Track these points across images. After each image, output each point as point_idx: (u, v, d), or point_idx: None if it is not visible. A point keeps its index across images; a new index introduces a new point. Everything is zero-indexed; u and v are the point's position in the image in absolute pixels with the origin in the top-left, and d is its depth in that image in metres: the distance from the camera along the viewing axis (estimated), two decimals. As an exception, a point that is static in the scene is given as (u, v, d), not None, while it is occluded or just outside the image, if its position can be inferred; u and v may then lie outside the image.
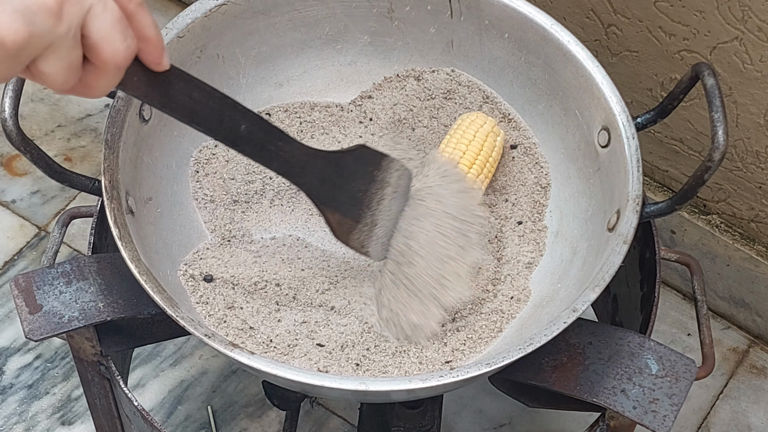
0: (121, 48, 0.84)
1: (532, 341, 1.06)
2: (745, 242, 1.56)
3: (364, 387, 1.04)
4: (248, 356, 1.05)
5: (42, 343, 1.61)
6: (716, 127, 1.09)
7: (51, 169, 1.13)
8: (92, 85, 0.86)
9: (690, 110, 1.47)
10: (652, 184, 1.59)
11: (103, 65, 0.85)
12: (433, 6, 1.25)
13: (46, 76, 0.83)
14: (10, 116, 1.09)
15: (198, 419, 1.57)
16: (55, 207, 1.72)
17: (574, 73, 1.20)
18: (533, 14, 1.22)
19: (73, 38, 0.82)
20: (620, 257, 1.10)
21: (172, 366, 1.61)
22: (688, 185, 1.11)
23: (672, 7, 1.38)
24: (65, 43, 0.81)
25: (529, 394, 1.21)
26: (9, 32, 0.78)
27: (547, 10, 1.25)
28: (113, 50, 0.84)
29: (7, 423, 1.57)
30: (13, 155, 1.76)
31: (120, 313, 1.14)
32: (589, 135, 1.20)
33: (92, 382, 1.25)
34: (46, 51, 0.81)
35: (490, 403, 1.58)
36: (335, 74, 1.29)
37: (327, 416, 1.58)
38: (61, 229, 1.25)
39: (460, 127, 1.22)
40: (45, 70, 0.82)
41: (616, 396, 1.12)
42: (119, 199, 1.11)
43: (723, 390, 1.62)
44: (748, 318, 1.64)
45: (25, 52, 0.80)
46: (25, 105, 1.78)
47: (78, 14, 0.81)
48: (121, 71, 0.87)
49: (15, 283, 1.15)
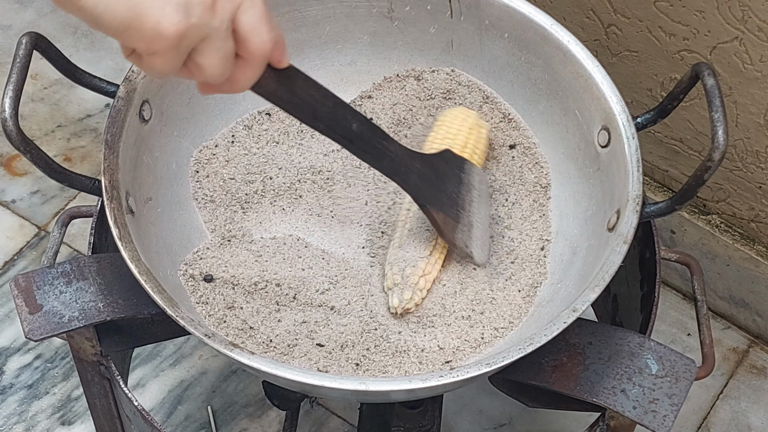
0: (267, 39, 0.91)
1: (532, 341, 1.06)
2: (745, 242, 1.56)
3: (364, 387, 1.04)
4: (248, 356, 1.05)
5: (42, 343, 1.61)
6: (716, 127, 1.09)
7: (51, 169, 1.13)
8: (237, 79, 0.93)
9: (690, 110, 1.47)
10: (652, 184, 1.59)
11: (251, 57, 0.91)
12: (433, 6, 1.25)
13: (204, 68, 0.89)
14: (10, 116, 1.09)
15: (198, 419, 1.57)
16: (55, 207, 1.72)
17: (574, 73, 1.20)
18: (533, 14, 1.22)
19: (226, 30, 0.88)
20: (620, 257, 1.10)
21: (172, 366, 1.61)
22: (688, 185, 1.11)
23: (672, 7, 1.38)
24: (220, 35, 0.88)
25: (529, 394, 1.21)
26: (170, 23, 0.85)
27: (547, 10, 1.25)
28: (261, 41, 0.91)
29: (7, 423, 1.57)
30: (13, 155, 1.76)
31: (120, 313, 1.14)
32: (589, 135, 1.20)
33: (92, 382, 1.25)
34: (203, 43, 0.88)
35: (490, 403, 1.58)
36: (335, 74, 1.29)
37: (327, 416, 1.58)
38: (61, 229, 1.25)
39: (444, 123, 1.22)
40: (202, 62, 0.89)
41: (616, 396, 1.12)
42: (119, 199, 1.11)
43: (723, 390, 1.62)
44: (748, 318, 1.64)
45: (184, 42, 0.86)
46: (25, 105, 1.78)
47: (230, 8, 0.88)
48: (264, 63, 0.93)
49: (15, 283, 1.15)
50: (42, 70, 1.77)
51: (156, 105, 1.18)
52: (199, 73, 0.90)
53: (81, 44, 1.84)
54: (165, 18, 0.85)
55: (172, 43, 0.86)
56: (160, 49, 0.86)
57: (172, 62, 0.88)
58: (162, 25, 0.85)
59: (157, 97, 1.18)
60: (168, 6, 0.85)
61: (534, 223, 1.23)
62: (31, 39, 1.11)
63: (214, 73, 0.90)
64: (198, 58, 0.89)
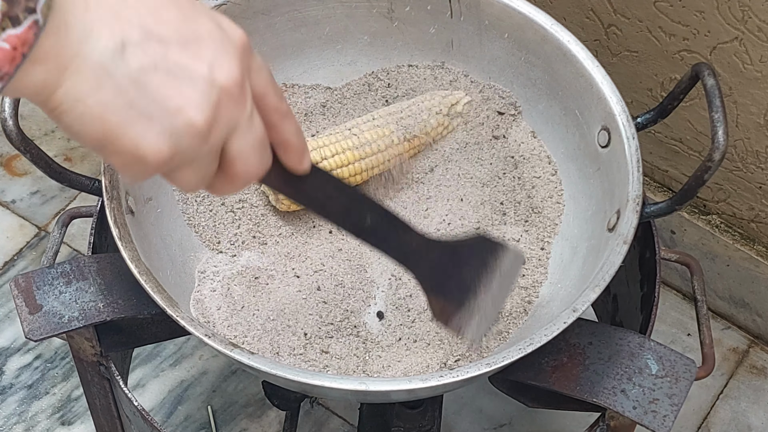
0: (255, 168, 0.81)
1: (532, 341, 1.06)
2: (745, 242, 1.56)
3: (364, 387, 1.04)
4: (248, 356, 1.05)
5: (42, 343, 1.61)
6: (716, 127, 1.09)
7: (51, 169, 1.13)
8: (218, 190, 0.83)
9: (690, 110, 1.47)
10: (652, 184, 1.59)
11: (233, 178, 0.82)
12: (433, 6, 1.25)
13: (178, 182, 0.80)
14: (10, 116, 1.09)
15: (198, 419, 1.57)
16: (55, 207, 1.72)
17: (574, 73, 1.20)
18: (533, 14, 1.22)
19: (214, 154, 0.79)
20: (620, 257, 1.10)
21: (172, 366, 1.61)
22: (688, 185, 1.11)
23: (672, 7, 1.38)
24: (205, 160, 0.78)
25: (529, 394, 1.21)
26: (153, 151, 0.74)
27: (547, 10, 1.25)
28: (247, 169, 0.81)
29: (7, 423, 1.57)
30: (13, 155, 1.76)
31: (120, 313, 1.14)
32: (589, 135, 1.20)
33: (92, 382, 1.25)
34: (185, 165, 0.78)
35: (490, 403, 1.58)
36: (335, 74, 1.29)
37: (327, 416, 1.58)
38: (61, 229, 1.25)
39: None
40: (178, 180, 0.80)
41: (616, 396, 1.12)
42: (119, 199, 1.11)
43: (723, 390, 1.62)
44: (748, 318, 1.64)
45: (164, 168, 0.77)
46: (25, 105, 1.78)
47: (225, 134, 0.78)
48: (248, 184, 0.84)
49: (15, 283, 1.15)
50: (42, 70, 1.76)
51: (156, 105, 1.18)
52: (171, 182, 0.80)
53: (81, 44, 1.84)
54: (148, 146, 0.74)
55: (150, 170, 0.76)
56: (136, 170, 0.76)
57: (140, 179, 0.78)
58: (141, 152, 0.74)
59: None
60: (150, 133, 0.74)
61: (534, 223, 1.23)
62: (31, 39, 1.11)
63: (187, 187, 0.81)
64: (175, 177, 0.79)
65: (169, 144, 0.74)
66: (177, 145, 0.75)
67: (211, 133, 0.76)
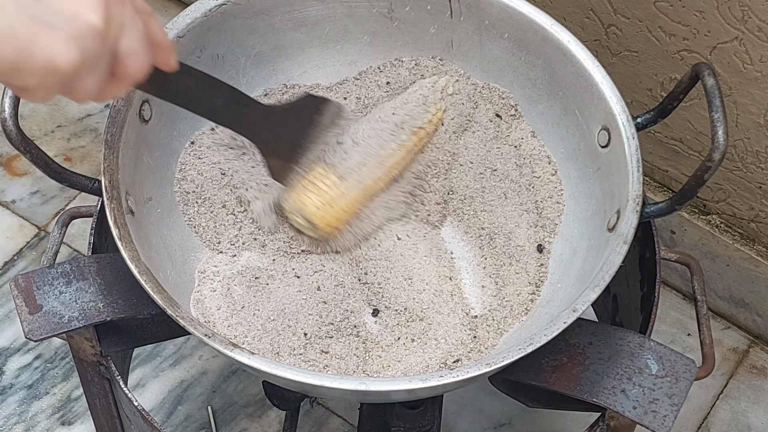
0: (144, 63, 0.88)
1: (532, 341, 1.06)
2: (745, 242, 1.56)
3: (364, 387, 1.04)
4: (248, 356, 1.05)
5: (42, 343, 1.61)
6: (716, 127, 1.09)
7: (51, 169, 1.13)
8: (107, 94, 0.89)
9: (690, 110, 1.47)
10: (652, 184, 1.59)
11: (124, 78, 0.88)
12: (433, 6, 1.25)
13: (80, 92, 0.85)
14: (10, 116, 1.09)
15: (198, 419, 1.57)
16: (55, 207, 1.72)
17: (574, 73, 1.20)
18: (533, 14, 1.22)
19: (111, 54, 0.85)
20: (620, 257, 1.10)
21: (172, 366, 1.61)
22: (688, 185, 1.11)
23: (672, 7, 1.38)
24: (104, 60, 0.84)
25: (529, 394, 1.21)
26: (65, 59, 0.80)
27: (547, 10, 1.25)
28: (138, 65, 0.87)
29: (7, 423, 1.57)
30: (13, 155, 1.76)
31: (120, 313, 1.14)
32: (589, 135, 1.20)
33: (92, 382, 1.25)
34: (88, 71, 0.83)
35: (490, 403, 1.58)
36: (335, 74, 1.29)
37: (327, 416, 1.58)
38: (61, 229, 1.25)
39: None
40: (83, 88, 0.85)
41: (616, 396, 1.12)
42: (119, 199, 1.11)
43: (723, 390, 1.62)
44: (748, 318, 1.64)
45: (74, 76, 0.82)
46: (25, 105, 1.78)
47: (117, 33, 0.84)
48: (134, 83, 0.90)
49: (15, 283, 1.15)
50: (42, 70, 1.76)
51: (156, 105, 1.18)
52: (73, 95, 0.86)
53: (81, 44, 1.84)
54: (59, 54, 0.80)
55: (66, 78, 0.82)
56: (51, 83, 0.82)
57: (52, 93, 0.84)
58: (55, 62, 0.81)
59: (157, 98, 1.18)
60: (59, 41, 0.80)
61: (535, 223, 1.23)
62: (31, 39, 1.11)
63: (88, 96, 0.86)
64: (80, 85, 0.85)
65: (77, 49, 0.81)
66: (84, 49, 0.81)
67: (108, 32, 0.82)
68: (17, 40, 0.79)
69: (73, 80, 0.83)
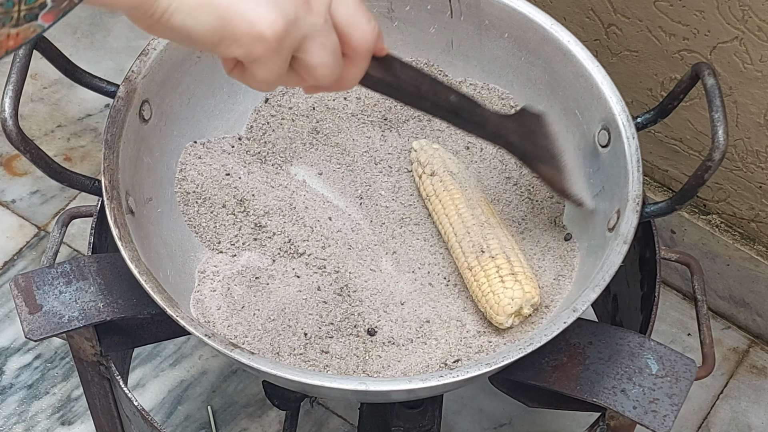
0: (368, 30, 0.87)
1: (532, 341, 1.06)
2: (745, 242, 1.56)
3: (364, 387, 1.04)
4: (248, 356, 1.05)
5: (42, 343, 1.61)
6: (716, 126, 1.09)
7: (51, 169, 1.13)
8: (345, 77, 0.88)
9: (690, 110, 1.47)
10: (652, 184, 1.59)
11: (354, 52, 0.87)
12: (433, 6, 1.25)
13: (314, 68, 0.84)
14: (10, 116, 1.09)
15: (198, 419, 1.57)
16: (55, 207, 1.72)
17: (574, 73, 1.20)
18: (533, 14, 1.22)
19: (326, 24, 0.83)
20: (620, 257, 1.10)
21: (172, 366, 1.61)
22: (688, 185, 1.11)
23: (672, 7, 1.38)
24: (322, 30, 0.83)
25: (529, 394, 1.21)
26: (269, 23, 0.79)
27: (547, 10, 1.25)
28: (362, 33, 0.86)
29: (7, 423, 1.57)
30: (13, 155, 1.76)
31: (120, 313, 1.14)
32: (589, 135, 1.20)
33: (92, 382, 1.25)
34: (307, 42, 0.82)
35: (490, 403, 1.58)
36: (335, 74, 1.29)
37: (327, 416, 1.58)
38: (61, 229, 1.25)
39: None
40: (311, 61, 0.83)
41: (616, 396, 1.12)
42: (119, 199, 1.11)
43: (723, 390, 1.62)
44: (748, 318, 1.64)
45: (285, 43, 0.81)
46: (25, 105, 1.78)
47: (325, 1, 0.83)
48: (369, 56, 0.88)
49: (15, 283, 1.15)
50: (42, 70, 1.76)
51: (156, 105, 1.18)
52: (310, 74, 0.85)
53: (81, 44, 1.84)
54: (259, 19, 0.79)
55: (273, 45, 0.81)
56: (262, 53, 0.81)
57: (276, 67, 0.82)
58: (258, 27, 0.79)
59: (157, 97, 1.18)
60: (259, 7, 0.79)
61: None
62: (31, 39, 1.11)
63: (325, 72, 0.85)
64: (307, 58, 0.83)
65: (278, 12, 0.79)
66: (286, 14, 0.80)
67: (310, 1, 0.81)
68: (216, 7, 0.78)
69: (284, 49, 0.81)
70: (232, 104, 1.26)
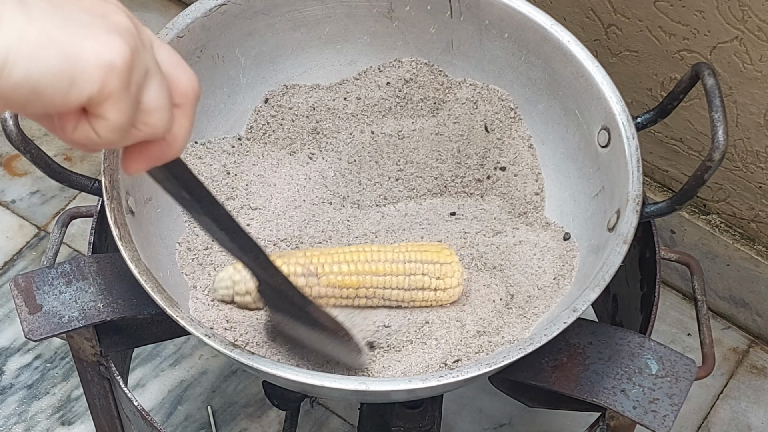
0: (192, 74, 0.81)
1: (532, 341, 1.06)
2: (745, 242, 1.56)
3: (364, 387, 1.04)
4: (248, 356, 1.05)
5: (42, 343, 1.61)
6: (716, 126, 1.09)
7: (51, 169, 1.13)
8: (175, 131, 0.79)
9: (690, 110, 1.47)
10: (652, 184, 1.59)
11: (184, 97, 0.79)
12: (433, 6, 1.25)
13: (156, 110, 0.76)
14: (10, 116, 1.09)
15: (198, 419, 1.57)
16: (55, 207, 1.72)
17: (574, 73, 1.20)
18: (533, 14, 1.22)
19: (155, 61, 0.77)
20: (620, 257, 1.10)
21: (172, 366, 1.61)
22: (688, 185, 1.11)
23: (672, 7, 1.38)
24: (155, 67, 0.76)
25: (529, 394, 1.21)
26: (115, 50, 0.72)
27: (547, 10, 1.25)
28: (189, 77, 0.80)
29: (7, 423, 1.57)
30: (13, 155, 1.76)
31: (120, 313, 1.14)
32: (589, 135, 1.20)
33: (92, 382, 1.25)
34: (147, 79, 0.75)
35: (490, 403, 1.58)
36: (335, 74, 1.29)
37: (327, 416, 1.58)
38: (61, 229, 1.25)
39: None
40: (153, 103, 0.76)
41: (616, 396, 1.12)
42: (119, 199, 1.11)
43: (723, 390, 1.62)
44: (748, 318, 1.64)
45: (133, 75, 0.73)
46: (25, 105, 1.78)
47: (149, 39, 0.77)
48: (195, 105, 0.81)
49: (15, 283, 1.15)
50: (42, 70, 1.76)
51: (156, 105, 1.18)
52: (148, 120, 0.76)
53: (81, 44, 1.84)
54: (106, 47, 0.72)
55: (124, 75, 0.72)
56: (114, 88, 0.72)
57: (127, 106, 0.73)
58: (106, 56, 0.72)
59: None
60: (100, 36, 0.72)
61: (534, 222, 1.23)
62: (31, 39, 1.11)
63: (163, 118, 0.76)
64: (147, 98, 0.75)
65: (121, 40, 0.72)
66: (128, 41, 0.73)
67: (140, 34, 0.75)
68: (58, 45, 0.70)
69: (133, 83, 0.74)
70: (232, 104, 1.26)
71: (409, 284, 1.15)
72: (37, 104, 0.71)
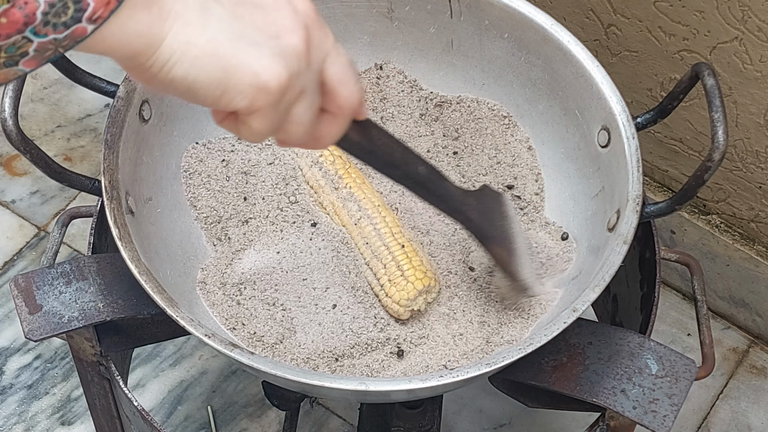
0: (355, 90, 0.85)
1: (532, 341, 1.06)
2: (745, 242, 1.56)
3: (364, 387, 1.04)
4: (248, 356, 1.05)
5: (42, 343, 1.61)
6: (716, 127, 1.09)
7: (51, 169, 1.13)
8: (323, 135, 0.85)
9: (690, 110, 1.47)
10: (652, 184, 1.59)
11: (338, 110, 0.85)
12: (433, 6, 1.25)
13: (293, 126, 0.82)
14: (10, 116, 1.09)
15: (198, 419, 1.57)
16: (55, 207, 1.72)
17: (574, 73, 1.20)
18: (533, 14, 1.22)
19: (317, 82, 0.82)
20: (620, 257, 1.10)
21: (172, 366, 1.61)
22: (688, 185, 1.11)
23: (672, 7, 1.38)
24: (313, 87, 0.81)
25: (529, 394, 1.21)
26: (272, 74, 0.77)
27: (547, 10, 1.25)
28: (350, 92, 0.84)
29: (7, 423, 1.57)
30: (13, 155, 1.76)
31: (120, 313, 1.14)
32: (589, 135, 1.20)
33: (92, 382, 1.25)
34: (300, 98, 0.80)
35: (490, 403, 1.58)
36: (335, 74, 1.29)
37: (327, 416, 1.58)
38: (61, 229, 1.25)
39: None
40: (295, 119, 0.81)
41: (616, 396, 1.12)
42: (119, 199, 1.11)
43: (723, 390, 1.62)
44: (748, 318, 1.64)
45: (286, 97, 0.79)
46: (25, 105, 1.78)
47: (321, 58, 0.81)
48: (351, 116, 0.86)
49: (15, 283, 1.15)
50: (42, 70, 1.76)
51: (156, 105, 1.18)
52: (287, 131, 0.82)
53: (81, 44, 1.84)
54: (265, 70, 0.77)
55: (275, 98, 0.78)
56: (262, 105, 0.78)
57: (273, 120, 0.80)
58: (262, 78, 0.77)
59: (156, 97, 1.18)
60: (264, 58, 0.77)
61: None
62: (31, 39, 1.11)
63: (300, 131, 0.83)
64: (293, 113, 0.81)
65: (283, 65, 0.77)
66: (289, 66, 0.78)
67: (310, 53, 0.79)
68: (221, 58, 0.75)
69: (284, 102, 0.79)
70: (232, 104, 1.25)
71: (370, 262, 1.16)
72: (190, 99, 0.77)
